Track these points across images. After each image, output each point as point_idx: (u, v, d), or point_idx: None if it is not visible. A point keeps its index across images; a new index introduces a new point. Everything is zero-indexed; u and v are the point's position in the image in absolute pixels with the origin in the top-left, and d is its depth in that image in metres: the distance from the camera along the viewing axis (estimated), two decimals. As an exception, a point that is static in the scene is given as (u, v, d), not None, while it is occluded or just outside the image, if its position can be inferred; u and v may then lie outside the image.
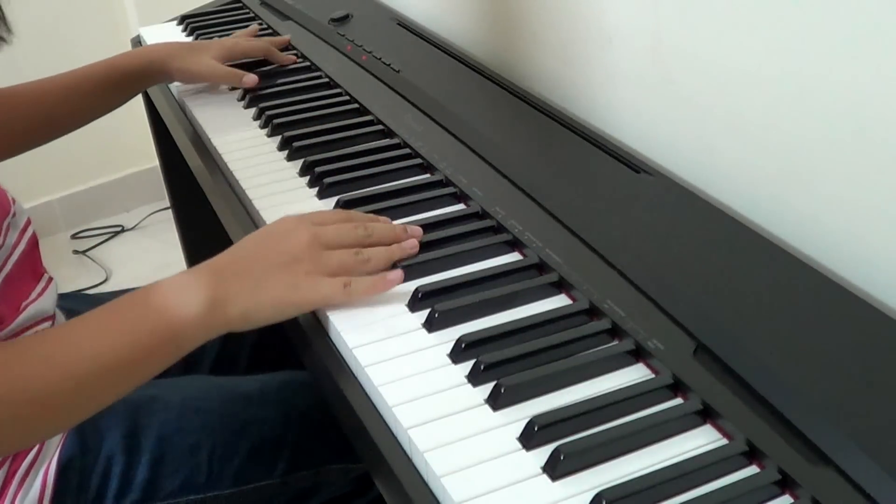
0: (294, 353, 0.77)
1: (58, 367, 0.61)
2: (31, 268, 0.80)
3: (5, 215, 0.77)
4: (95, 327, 0.64)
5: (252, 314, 0.66)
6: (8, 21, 0.71)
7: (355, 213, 0.78)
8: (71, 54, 2.05)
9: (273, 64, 1.16)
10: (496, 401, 0.60)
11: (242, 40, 1.16)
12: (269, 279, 0.67)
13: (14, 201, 0.79)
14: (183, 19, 1.39)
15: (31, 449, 0.72)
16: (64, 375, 0.61)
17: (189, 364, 0.97)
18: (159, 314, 0.64)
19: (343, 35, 1.22)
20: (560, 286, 0.71)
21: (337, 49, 1.20)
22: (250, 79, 1.09)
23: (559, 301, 0.70)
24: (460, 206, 0.84)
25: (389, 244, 0.74)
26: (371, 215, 0.78)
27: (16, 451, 0.63)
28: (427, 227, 0.79)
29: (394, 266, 0.73)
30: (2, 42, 0.70)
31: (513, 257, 0.76)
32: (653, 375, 0.62)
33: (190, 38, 1.32)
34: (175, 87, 1.16)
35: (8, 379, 0.59)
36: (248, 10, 1.40)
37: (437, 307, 0.68)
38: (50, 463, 0.73)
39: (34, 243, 0.82)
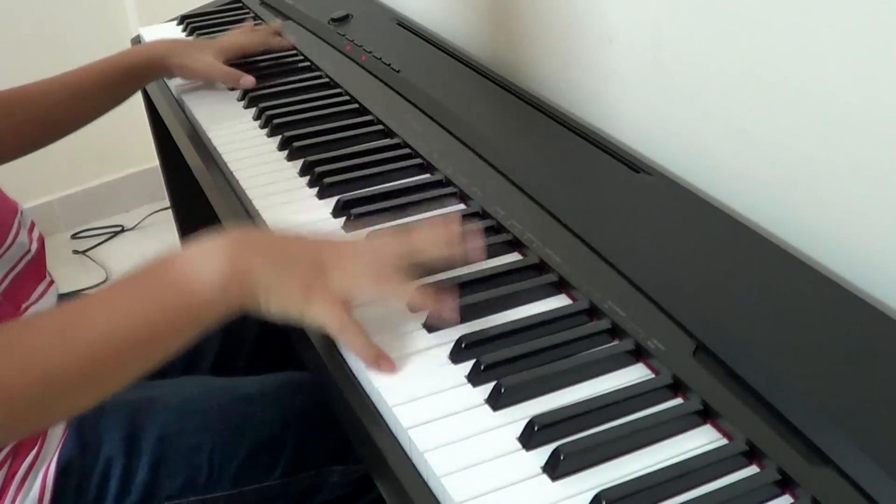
0: (294, 354, 0.77)
1: (71, 342, 0.58)
2: (36, 268, 0.81)
3: (15, 213, 0.77)
4: (112, 300, 0.61)
5: (264, 298, 0.63)
6: None
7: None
8: (71, 55, 2.05)
9: (272, 54, 1.18)
10: (496, 401, 0.60)
11: (239, 37, 1.17)
12: (290, 272, 0.64)
13: (17, 203, 0.80)
14: (183, 19, 1.39)
15: (31, 450, 0.72)
16: (79, 351, 0.58)
17: (189, 364, 0.97)
18: (177, 281, 0.62)
19: (343, 35, 1.22)
20: (560, 286, 0.71)
21: (337, 49, 1.20)
22: (247, 81, 1.10)
23: (559, 301, 0.70)
24: (460, 207, 0.84)
25: (436, 255, 0.68)
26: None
27: (32, 433, 0.59)
28: (427, 227, 0.79)
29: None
30: None
31: (513, 257, 0.76)
32: (653, 375, 0.62)
33: (190, 38, 1.32)
34: (174, 86, 1.16)
35: (21, 355, 0.57)
36: (248, 10, 1.40)
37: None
38: (49, 464, 0.73)
39: (42, 243, 0.82)
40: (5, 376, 0.55)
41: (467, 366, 0.63)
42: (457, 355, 0.64)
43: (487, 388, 0.61)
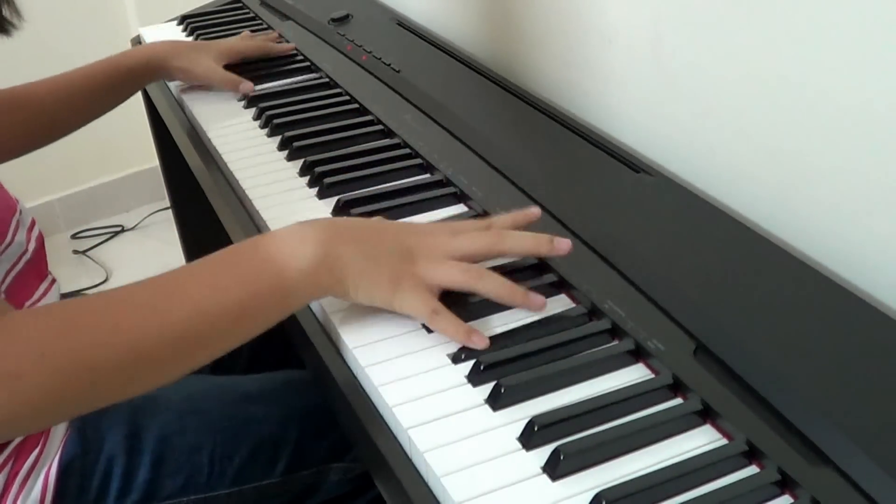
0: (294, 353, 0.77)
1: (162, 316, 0.59)
2: (37, 267, 0.81)
3: (13, 213, 0.77)
4: (202, 277, 0.62)
5: (353, 285, 0.64)
6: (17, 5, 0.70)
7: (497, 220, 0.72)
8: (71, 54, 2.05)
9: (274, 60, 1.18)
10: (496, 401, 0.60)
11: (239, 42, 1.17)
12: (380, 260, 0.65)
13: (17, 201, 0.80)
14: (183, 19, 1.39)
15: (33, 450, 0.72)
16: (166, 327, 0.59)
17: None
18: (268, 263, 0.63)
19: (343, 35, 1.22)
20: (560, 286, 0.71)
21: (337, 49, 1.20)
22: (247, 86, 1.10)
23: (559, 301, 0.70)
24: (460, 207, 0.84)
25: (523, 253, 0.70)
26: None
27: (115, 402, 0.61)
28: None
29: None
30: (11, 27, 0.69)
31: (513, 257, 0.76)
32: (653, 375, 0.62)
33: (190, 38, 1.32)
34: (174, 86, 1.16)
35: (109, 324, 0.58)
36: (248, 10, 1.40)
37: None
38: (51, 464, 0.73)
39: (41, 242, 0.82)
40: (94, 344, 0.57)
41: (467, 366, 0.63)
42: (457, 355, 0.64)
43: (487, 388, 0.61)
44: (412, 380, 0.62)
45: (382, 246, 0.66)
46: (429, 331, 0.67)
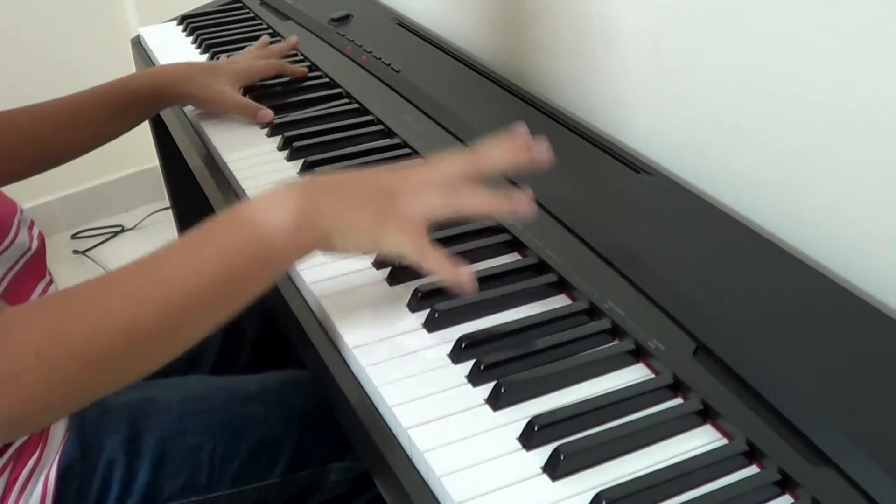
0: (294, 353, 0.77)
1: (149, 298, 0.59)
2: (37, 268, 0.81)
3: (15, 212, 0.77)
4: (187, 254, 0.62)
5: (338, 235, 0.64)
6: None
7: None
8: (71, 54, 2.06)
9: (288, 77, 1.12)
10: (496, 401, 0.60)
11: (255, 61, 1.10)
12: (360, 205, 0.64)
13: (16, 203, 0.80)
14: (183, 19, 1.39)
15: (32, 455, 0.72)
16: (155, 307, 0.59)
17: (189, 364, 0.97)
18: (249, 229, 0.62)
19: (343, 35, 1.22)
20: (560, 286, 0.71)
21: (337, 49, 1.20)
22: (265, 114, 1.02)
23: (559, 301, 0.70)
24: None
25: (502, 166, 0.69)
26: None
27: (114, 391, 0.60)
28: (427, 227, 0.79)
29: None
30: None
31: (513, 257, 0.76)
32: (653, 375, 0.62)
33: (190, 38, 1.32)
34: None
35: (99, 313, 0.58)
36: (248, 10, 1.40)
37: (437, 307, 0.68)
38: (50, 469, 0.73)
39: (42, 242, 0.82)
40: (87, 335, 0.57)
41: (467, 366, 0.63)
42: (457, 355, 0.64)
43: (487, 388, 0.61)
44: (412, 380, 0.62)
45: (361, 192, 0.65)
46: (429, 331, 0.67)
